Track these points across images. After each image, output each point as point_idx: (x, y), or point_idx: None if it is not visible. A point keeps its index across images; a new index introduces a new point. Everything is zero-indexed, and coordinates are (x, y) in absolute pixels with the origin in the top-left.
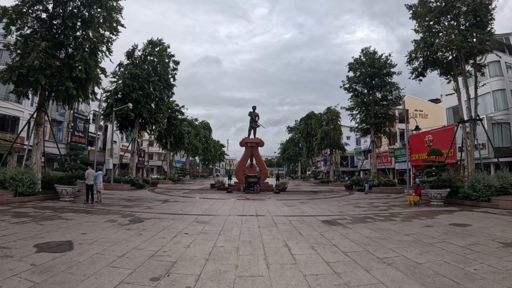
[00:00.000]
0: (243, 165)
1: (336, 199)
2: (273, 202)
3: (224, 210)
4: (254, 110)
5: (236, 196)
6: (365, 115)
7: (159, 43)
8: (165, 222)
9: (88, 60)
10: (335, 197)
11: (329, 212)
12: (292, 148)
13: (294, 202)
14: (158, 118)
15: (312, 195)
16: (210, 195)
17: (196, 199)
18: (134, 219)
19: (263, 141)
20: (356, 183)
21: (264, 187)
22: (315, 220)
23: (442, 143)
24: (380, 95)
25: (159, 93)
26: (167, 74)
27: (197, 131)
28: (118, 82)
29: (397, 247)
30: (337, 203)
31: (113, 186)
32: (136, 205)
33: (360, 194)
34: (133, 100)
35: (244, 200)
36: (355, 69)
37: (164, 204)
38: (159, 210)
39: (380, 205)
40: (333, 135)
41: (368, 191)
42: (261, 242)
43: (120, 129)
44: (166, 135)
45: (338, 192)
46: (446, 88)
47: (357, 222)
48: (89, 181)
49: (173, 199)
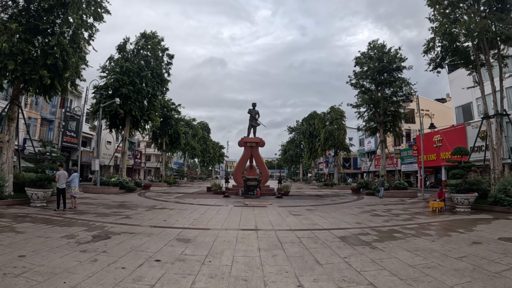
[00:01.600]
0: (242, 167)
1: (346, 205)
2: (275, 210)
3: (217, 221)
4: (254, 107)
5: (234, 202)
6: (373, 113)
7: (153, 36)
8: (137, 239)
9: (66, 46)
10: (344, 202)
11: (345, 223)
12: (293, 149)
13: (300, 209)
14: (150, 115)
15: (318, 200)
16: (204, 200)
17: (186, 206)
18: (99, 235)
19: (263, 140)
20: (364, 186)
21: (265, 191)
22: (331, 237)
23: (452, 143)
24: (389, 91)
25: (151, 89)
26: (160, 69)
27: (195, 131)
28: (108, 77)
29: (459, 283)
30: (349, 210)
31: (99, 189)
32: (114, 213)
33: (371, 198)
34: (122, 96)
35: (242, 207)
36: (362, 63)
37: (148, 212)
38: (137, 221)
39: (400, 212)
40: (337, 135)
41: (378, 194)
42: (262, 278)
43: (110, 128)
44: (161, 135)
45: (346, 196)
46: (455, 86)
47: (385, 238)
48: (60, 184)
49: (161, 205)
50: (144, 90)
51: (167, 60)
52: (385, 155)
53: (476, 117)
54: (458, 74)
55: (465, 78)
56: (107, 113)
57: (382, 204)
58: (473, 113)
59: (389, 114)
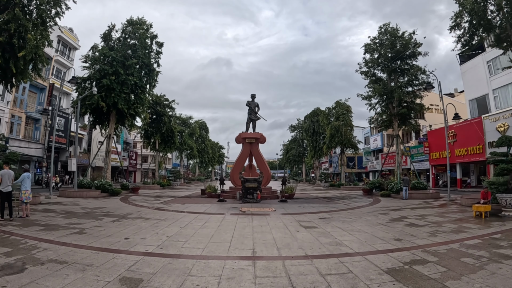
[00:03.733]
0: (240, 166)
1: (366, 211)
2: (280, 219)
3: (199, 240)
4: (253, 99)
5: (229, 208)
6: (387, 104)
7: (140, 22)
8: (58, 279)
9: (24, 21)
10: (361, 206)
11: (379, 240)
12: (295, 149)
13: (311, 217)
14: (137, 109)
15: (329, 203)
16: (193, 206)
17: (168, 214)
18: (13, 264)
19: (264, 136)
20: (377, 186)
21: (266, 194)
22: (373, 271)
23: (467, 139)
24: (405, 79)
25: (138, 80)
26: (148, 58)
27: (192, 130)
28: (91, 69)
29: None
30: (374, 218)
31: (77, 192)
32: (69, 225)
33: (390, 200)
34: (105, 88)
35: (238, 215)
36: (373, 50)
37: (113, 225)
38: (89, 240)
39: (439, 219)
40: (344, 132)
41: (396, 196)
42: None
43: (93, 125)
44: (153, 133)
45: (359, 199)
46: (469, 78)
47: (457, 269)
48: (4, 187)
49: (138, 213)
50: (129, 81)
51: (156, 48)
52: (400, 151)
53: (493, 109)
54: (471, 65)
55: (479, 68)
56: (88, 107)
57: (408, 208)
58: (490, 106)
59: (404, 106)
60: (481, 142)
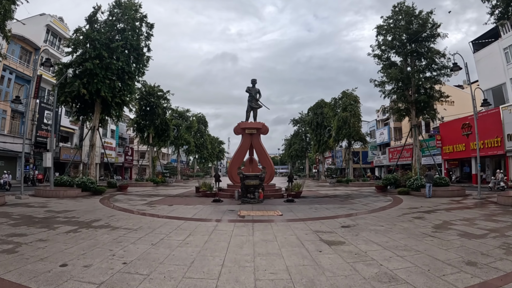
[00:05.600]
0: (239, 160)
1: (394, 214)
2: (291, 230)
3: (168, 273)
4: (254, 84)
5: (224, 211)
6: (403, 91)
7: (129, 3)
8: None
9: None
10: (384, 207)
11: (451, 269)
12: (298, 143)
13: (331, 225)
14: (124, 97)
15: (344, 203)
16: (181, 209)
17: (145, 221)
18: None
19: (266, 126)
20: (392, 182)
21: (269, 192)
22: None
23: (484, 131)
24: (422, 63)
25: (126, 65)
26: (137, 40)
27: (190, 123)
28: (75, 55)
29: None
30: (411, 225)
31: (53, 191)
32: (6, 237)
33: (412, 199)
34: (87, 73)
35: (234, 222)
36: (387, 31)
37: (64, 237)
38: (8, 265)
39: (494, 226)
40: (352, 123)
41: (416, 194)
42: None
43: (77, 116)
44: (146, 126)
45: (375, 197)
46: (484, 67)
47: None
48: None
49: (109, 219)
50: (114, 65)
51: (146, 31)
52: (419, 143)
53: (511, 99)
54: (486, 53)
55: (495, 56)
56: (67, 95)
57: (442, 210)
58: (507, 96)
59: (423, 92)
60: (499, 134)
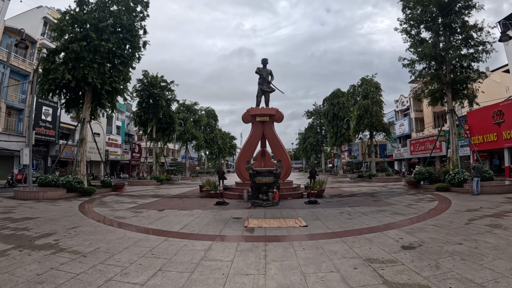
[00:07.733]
0: (249, 153)
1: (457, 220)
2: (325, 255)
3: None
4: (265, 65)
5: (227, 220)
6: (436, 70)
7: None
8: None
9: None
10: (436, 211)
11: None
12: (313, 136)
13: (385, 245)
14: (116, 85)
15: (380, 204)
16: (172, 216)
17: (105, 241)
18: None
19: (281, 112)
20: (427, 177)
21: (286, 191)
22: None
23: None
24: (459, 38)
25: (116, 48)
26: (130, 19)
27: (199, 117)
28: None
29: None
30: (501, 241)
31: (33, 193)
32: None
33: (459, 197)
34: (73, 57)
35: (237, 243)
36: (416, 2)
37: None
38: None
39: None
40: (375, 112)
41: (459, 190)
42: None
43: (66, 107)
44: (148, 119)
45: (411, 195)
46: None
47: None
48: None
49: (66, 232)
50: (103, 47)
51: (141, 9)
52: (457, 132)
53: None
54: None
55: None
56: (51, 82)
57: None
58: None
59: (460, 72)
60: None
